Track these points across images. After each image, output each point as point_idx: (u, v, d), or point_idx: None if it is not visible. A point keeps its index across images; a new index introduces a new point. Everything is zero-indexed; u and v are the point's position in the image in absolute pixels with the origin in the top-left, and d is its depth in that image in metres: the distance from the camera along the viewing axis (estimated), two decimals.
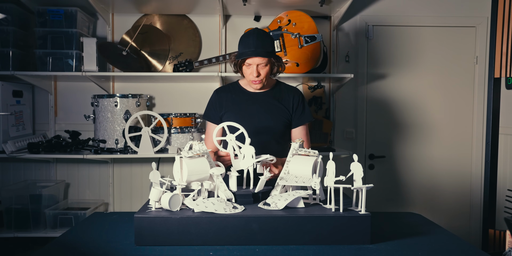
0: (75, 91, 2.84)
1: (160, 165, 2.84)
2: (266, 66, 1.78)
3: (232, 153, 1.63)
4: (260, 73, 1.78)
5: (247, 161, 1.56)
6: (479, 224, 3.00)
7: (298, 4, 2.62)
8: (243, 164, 1.57)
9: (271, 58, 1.78)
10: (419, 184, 3.00)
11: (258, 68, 1.77)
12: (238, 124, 1.63)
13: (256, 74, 1.77)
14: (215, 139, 1.69)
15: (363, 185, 1.38)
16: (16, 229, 2.54)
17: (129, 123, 2.46)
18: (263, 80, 1.81)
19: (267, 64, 1.78)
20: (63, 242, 1.45)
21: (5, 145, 2.45)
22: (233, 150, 1.63)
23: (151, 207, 1.43)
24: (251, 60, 1.77)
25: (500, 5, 2.82)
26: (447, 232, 1.56)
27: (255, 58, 1.76)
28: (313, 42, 2.54)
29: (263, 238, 1.35)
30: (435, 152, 2.99)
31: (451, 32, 2.96)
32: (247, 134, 1.60)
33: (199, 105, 2.84)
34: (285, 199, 1.43)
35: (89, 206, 2.73)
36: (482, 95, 2.96)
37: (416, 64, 2.96)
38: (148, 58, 2.76)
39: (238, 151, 1.62)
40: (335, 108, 2.92)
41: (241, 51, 1.78)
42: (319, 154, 1.51)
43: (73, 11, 2.54)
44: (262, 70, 1.78)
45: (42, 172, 2.84)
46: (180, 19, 2.86)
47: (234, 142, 1.63)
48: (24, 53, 2.61)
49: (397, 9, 2.92)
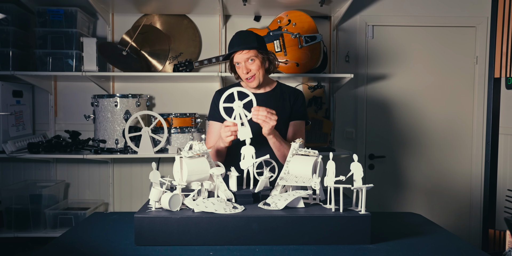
0: (75, 91, 2.84)
1: (160, 165, 2.84)
2: (254, 62, 1.78)
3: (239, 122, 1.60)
4: (250, 69, 1.78)
5: (247, 161, 1.56)
6: (479, 224, 3.00)
7: (298, 4, 2.62)
8: (243, 164, 1.57)
9: (258, 53, 1.78)
10: (419, 184, 3.00)
11: (247, 64, 1.77)
12: (248, 91, 1.64)
13: (246, 70, 1.77)
14: (221, 105, 1.64)
15: (363, 185, 1.38)
16: (16, 229, 2.54)
17: (129, 123, 2.46)
18: (256, 76, 1.79)
19: (254, 59, 1.77)
20: (63, 242, 1.45)
21: (5, 145, 2.45)
22: (239, 118, 1.61)
23: (151, 207, 1.43)
24: (237, 57, 1.78)
25: (500, 5, 2.82)
26: (447, 232, 1.56)
27: (239, 55, 1.77)
28: (313, 42, 2.54)
29: (263, 238, 1.35)
30: (435, 152, 2.99)
31: (451, 32, 2.96)
32: (255, 102, 1.61)
33: (199, 105, 2.84)
34: (285, 199, 1.43)
35: (89, 206, 2.73)
36: (482, 95, 2.96)
37: (416, 64, 2.96)
38: (148, 58, 2.76)
39: (244, 119, 1.60)
40: (335, 108, 2.92)
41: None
42: (319, 154, 1.51)
43: (73, 11, 2.54)
44: (251, 66, 1.78)
45: (42, 172, 2.84)
46: (180, 19, 2.86)
47: (241, 109, 1.61)
48: (24, 53, 2.61)
49: (397, 9, 2.92)
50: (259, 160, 1.56)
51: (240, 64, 1.79)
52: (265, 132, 1.66)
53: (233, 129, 1.63)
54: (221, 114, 1.63)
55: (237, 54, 1.78)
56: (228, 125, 1.64)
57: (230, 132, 1.63)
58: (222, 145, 1.72)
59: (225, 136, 1.65)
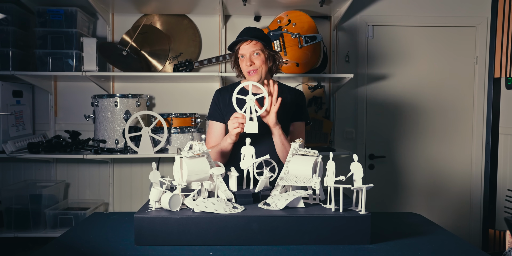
0: (75, 91, 2.84)
1: (160, 165, 2.84)
2: (259, 56, 1.77)
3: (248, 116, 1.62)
4: (254, 62, 1.77)
5: (247, 161, 1.56)
6: (479, 224, 3.00)
7: (298, 4, 2.62)
8: (243, 164, 1.57)
9: (264, 49, 1.77)
10: (419, 184, 3.00)
11: (252, 57, 1.76)
12: (262, 87, 1.65)
13: (250, 63, 1.76)
14: (234, 96, 1.66)
15: (363, 185, 1.38)
16: (16, 229, 2.54)
17: (129, 123, 2.46)
18: (258, 71, 1.77)
19: (259, 53, 1.76)
20: (63, 242, 1.45)
21: (5, 145, 2.45)
22: (249, 112, 1.62)
23: (151, 207, 1.43)
24: (243, 49, 1.77)
25: (500, 5, 2.82)
26: (447, 232, 1.56)
27: (245, 46, 1.76)
28: (313, 42, 2.54)
29: (263, 238, 1.35)
30: (435, 152, 2.99)
31: (451, 32, 2.96)
32: (267, 97, 1.64)
33: (199, 105, 2.84)
34: (285, 199, 1.42)
35: (89, 206, 2.73)
36: (482, 95, 2.96)
37: (416, 64, 2.96)
38: (148, 58, 2.76)
39: (254, 114, 1.61)
40: (335, 108, 2.92)
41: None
42: (319, 154, 1.51)
43: (73, 11, 2.54)
44: (256, 60, 1.76)
45: (42, 172, 2.84)
46: (180, 19, 2.86)
47: (253, 103, 1.61)
48: (24, 53, 2.61)
49: (397, 9, 2.92)
50: (259, 160, 1.56)
51: (244, 57, 1.78)
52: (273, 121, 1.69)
53: (241, 121, 1.64)
54: (233, 104, 1.66)
55: (244, 45, 1.76)
56: (237, 116, 1.65)
57: (238, 123, 1.64)
58: (230, 140, 1.72)
59: (232, 128, 1.66)
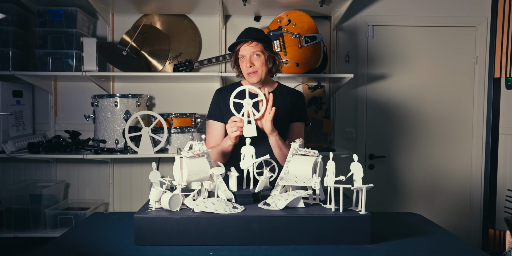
0: (75, 91, 2.84)
1: (160, 165, 2.84)
2: (259, 57, 1.77)
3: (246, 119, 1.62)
4: (253, 64, 1.77)
5: (247, 161, 1.56)
6: (479, 224, 3.00)
7: (298, 4, 2.62)
8: (243, 164, 1.57)
9: (264, 51, 1.77)
10: (419, 184, 3.00)
11: (252, 59, 1.77)
12: (260, 91, 1.65)
13: (250, 64, 1.77)
14: (231, 100, 1.66)
15: (363, 185, 1.38)
16: (16, 229, 2.54)
17: (129, 123, 2.46)
18: (258, 72, 1.78)
19: (259, 55, 1.77)
20: (63, 242, 1.45)
21: (5, 145, 2.45)
22: (247, 116, 1.62)
23: (151, 207, 1.43)
24: (243, 49, 1.77)
25: (500, 5, 2.82)
26: (447, 232, 1.56)
27: (246, 47, 1.76)
28: (313, 42, 2.54)
29: (263, 238, 1.35)
30: (435, 152, 2.99)
31: (451, 32, 2.96)
32: (265, 101, 1.63)
33: (199, 105, 2.84)
34: (285, 199, 1.43)
35: (89, 206, 2.73)
36: (482, 95, 2.96)
37: (416, 64, 2.96)
38: (148, 58, 2.76)
39: (252, 117, 1.62)
40: (335, 108, 2.92)
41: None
42: (319, 154, 1.51)
43: (73, 11, 2.54)
44: (256, 61, 1.77)
45: (42, 172, 2.84)
46: (180, 19, 2.86)
47: (250, 107, 1.62)
48: (24, 53, 2.61)
49: (397, 9, 2.92)
50: (259, 160, 1.56)
51: (244, 58, 1.78)
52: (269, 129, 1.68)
53: (239, 125, 1.65)
54: (231, 108, 1.66)
55: (244, 46, 1.77)
56: (235, 120, 1.66)
57: (237, 127, 1.65)
58: (230, 142, 1.72)
59: (231, 131, 1.67)
